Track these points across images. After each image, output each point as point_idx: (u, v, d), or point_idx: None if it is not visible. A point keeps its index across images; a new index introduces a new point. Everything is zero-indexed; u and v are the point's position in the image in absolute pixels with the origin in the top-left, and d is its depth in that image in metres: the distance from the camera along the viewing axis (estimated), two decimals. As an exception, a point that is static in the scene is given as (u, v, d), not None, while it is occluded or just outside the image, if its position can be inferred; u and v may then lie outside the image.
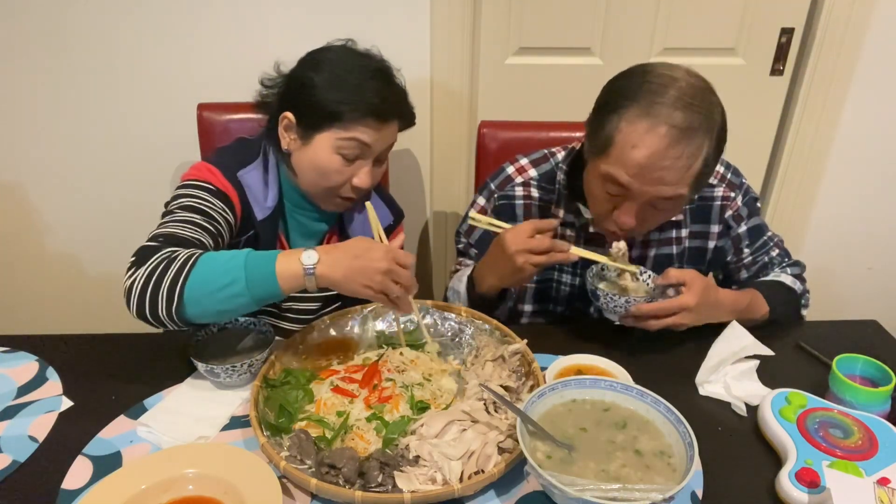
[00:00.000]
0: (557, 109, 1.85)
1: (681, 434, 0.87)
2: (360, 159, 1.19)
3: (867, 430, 0.96)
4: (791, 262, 1.37)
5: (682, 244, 1.34)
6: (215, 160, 1.22)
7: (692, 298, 1.12)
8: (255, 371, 1.07)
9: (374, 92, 1.15)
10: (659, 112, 1.03)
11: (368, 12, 1.79)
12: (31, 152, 1.95)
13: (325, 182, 1.20)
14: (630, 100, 1.06)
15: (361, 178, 1.19)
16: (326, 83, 1.15)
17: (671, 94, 1.04)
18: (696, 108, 1.04)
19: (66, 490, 0.89)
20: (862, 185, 2.10)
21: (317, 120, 1.16)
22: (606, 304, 1.15)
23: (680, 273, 1.14)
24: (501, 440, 0.93)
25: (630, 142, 1.06)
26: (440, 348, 1.18)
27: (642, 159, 1.05)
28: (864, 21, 1.86)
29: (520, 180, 1.34)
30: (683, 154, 1.04)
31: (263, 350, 1.10)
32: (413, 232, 2.12)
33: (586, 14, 1.88)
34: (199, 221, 1.11)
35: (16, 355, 1.17)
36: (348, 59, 1.19)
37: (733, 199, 1.32)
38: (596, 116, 1.13)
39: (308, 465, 0.90)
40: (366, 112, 1.14)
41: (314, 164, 1.18)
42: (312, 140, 1.17)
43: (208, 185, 1.17)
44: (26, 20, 1.77)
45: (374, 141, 1.17)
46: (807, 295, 1.35)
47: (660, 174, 1.06)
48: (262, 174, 1.25)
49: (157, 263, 0.99)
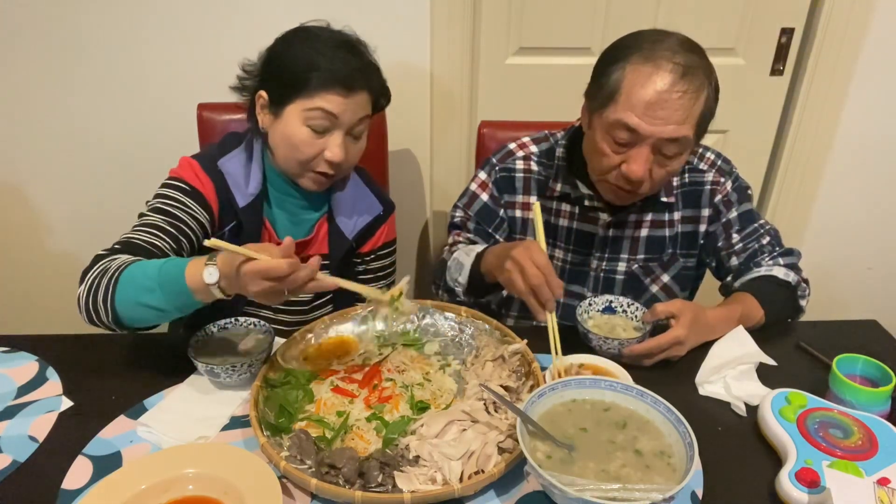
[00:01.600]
0: (557, 109, 1.84)
1: (681, 434, 0.87)
2: (329, 131, 1.18)
3: (867, 430, 0.95)
4: (783, 250, 1.34)
5: (674, 227, 1.35)
6: (199, 153, 1.26)
7: (682, 331, 1.12)
8: (256, 371, 1.07)
9: (340, 60, 1.15)
10: (661, 55, 1.11)
11: (369, 12, 1.79)
12: (32, 152, 1.95)
13: (296, 155, 1.19)
14: (632, 49, 1.14)
15: (332, 150, 1.18)
16: (292, 55, 1.17)
17: (670, 41, 1.13)
18: (694, 51, 1.13)
19: (66, 490, 0.89)
20: (862, 185, 2.10)
21: (284, 91, 1.17)
22: (599, 347, 1.15)
23: (666, 307, 1.14)
24: (501, 440, 0.93)
25: (637, 82, 1.12)
26: (440, 348, 1.18)
27: (650, 96, 1.10)
28: (864, 21, 1.86)
29: (521, 154, 1.39)
30: (688, 89, 1.10)
31: (263, 350, 1.10)
32: (413, 232, 2.12)
33: (586, 14, 1.88)
34: (162, 225, 1.16)
35: (16, 355, 1.17)
36: (317, 33, 1.20)
37: (723, 184, 1.34)
38: (599, 71, 1.19)
39: (308, 465, 0.90)
40: (330, 80, 1.14)
41: (285, 136, 1.19)
42: (283, 113, 1.18)
43: (183, 183, 1.21)
44: (27, 21, 1.77)
45: (342, 111, 1.16)
46: (803, 285, 1.31)
47: (667, 112, 1.11)
48: (244, 160, 1.26)
49: (95, 276, 1.04)
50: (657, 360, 1.14)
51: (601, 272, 1.38)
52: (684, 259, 1.38)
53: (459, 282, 1.30)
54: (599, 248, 1.36)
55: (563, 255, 1.38)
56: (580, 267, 1.38)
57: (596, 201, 1.31)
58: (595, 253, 1.36)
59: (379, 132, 1.76)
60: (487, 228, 1.39)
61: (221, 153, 1.26)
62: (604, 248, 1.36)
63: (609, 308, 1.23)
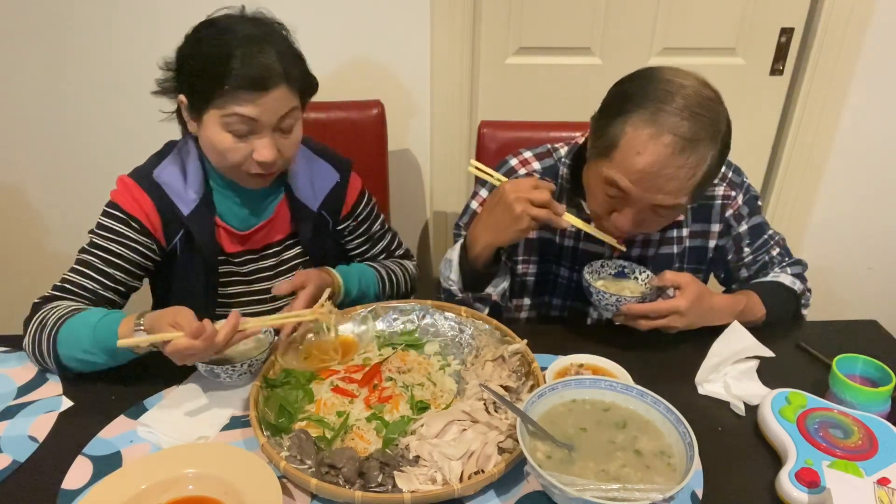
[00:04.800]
0: (557, 109, 1.85)
1: (681, 434, 0.87)
2: (253, 133, 1.11)
3: (867, 430, 0.95)
4: (792, 260, 1.37)
5: (682, 243, 1.34)
6: (136, 169, 1.23)
7: (684, 302, 1.12)
8: (256, 371, 1.07)
9: (249, 58, 1.06)
10: (665, 120, 1.03)
11: (369, 12, 1.79)
12: (31, 152, 1.95)
13: (225, 161, 1.14)
14: (636, 105, 1.05)
15: (261, 152, 1.11)
16: (197, 60, 1.09)
17: (678, 101, 1.03)
18: (702, 118, 1.03)
19: (66, 490, 0.89)
20: (862, 185, 2.10)
21: (197, 100, 1.10)
22: (598, 301, 1.16)
23: (675, 276, 1.14)
24: (501, 440, 0.93)
25: (634, 148, 1.05)
26: (440, 348, 1.18)
27: (644, 166, 1.05)
28: (864, 21, 1.86)
29: (523, 172, 1.33)
30: (686, 164, 1.04)
31: (263, 350, 1.10)
32: (413, 232, 2.12)
33: (586, 14, 1.88)
34: (98, 265, 1.16)
35: (16, 355, 1.17)
36: (222, 30, 1.10)
37: (734, 198, 1.32)
38: (601, 118, 1.12)
39: (308, 465, 0.90)
40: (240, 85, 1.06)
41: (210, 143, 1.13)
42: (203, 120, 1.11)
43: (119, 212, 1.19)
44: (26, 20, 1.77)
45: (259, 113, 1.08)
46: (807, 294, 1.35)
47: (661, 183, 1.06)
48: (179, 166, 1.21)
49: (35, 329, 1.09)
50: (652, 325, 1.14)
51: None
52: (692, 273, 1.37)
53: (452, 279, 1.26)
54: None
55: (569, 274, 1.36)
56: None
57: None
58: None
59: (379, 132, 1.76)
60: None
61: (156, 163, 1.22)
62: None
63: (621, 273, 1.24)
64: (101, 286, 1.16)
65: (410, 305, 1.24)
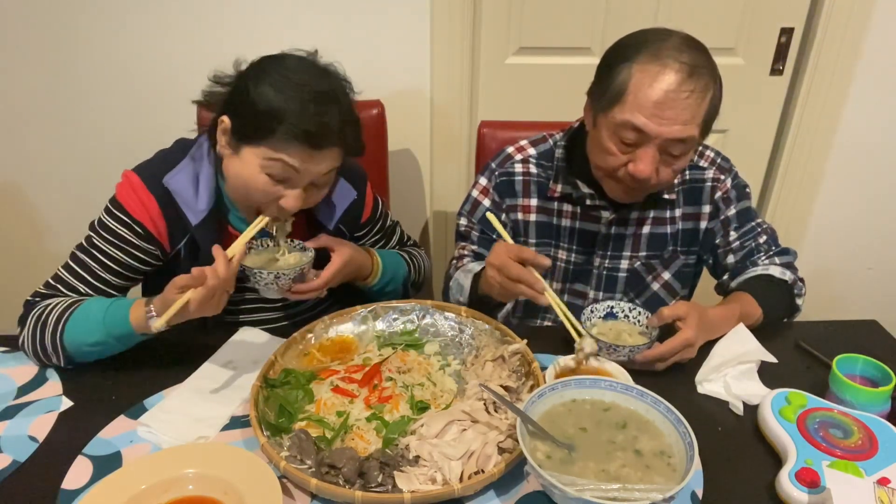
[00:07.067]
0: (557, 109, 1.84)
1: (681, 434, 0.87)
2: (288, 181, 1.10)
3: (867, 430, 0.95)
4: (779, 249, 1.36)
5: (675, 224, 1.36)
6: (143, 166, 1.20)
7: (691, 332, 1.12)
8: (283, 284, 1.13)
9: (312, 116, 1.05)
10: (667, 54, 1.11)
11: (369, 12, 1.79)
12: (31, 152, 1.95)
13: (248, 198, 1.13)
14: (636, 51, 1.13)
15: (289, 201, 1.10)
16: (263, 97, 1.05)
17: (674, 40, 1.13)
18: (699, 50, 1.13)
19: (66, 490, 0.89)
20: (862, 185, 2.10)
21: (247, 133, 1.08)
22: (609, 354, 1.12)
23: (672, 310, 1.14)
24: (501, 440, 0.93)
25: (645, 82, 1.11)
26: (440, 348, 1.18)
27: (658, 96, 1.10)
28: (864, 21, 1.86)
29: (519, 157, 1.39)
30: (695, 89, 1.10)
31: (306, 263, 1.15)
32: (413, 231, 2.12)
33: (586, 14, 1.88)
34: (95, 270, 1.16)
35: (16, 355, 1.17)
36: (295, 74, 1.07)
37: (723, 181, 1.35)
38: (604, 71, 1.18)
39: (308, 465, 0.90)
40: (298, 136, 1.04)
41: (240, 177, 1.11)
42: (241, 151, 1.09)
43: (123, 214, 1.16)
44: (27, 21, 1.77)
45: (305, 167, 1.08)
46: (799, 283, 1.34)
47: (675, 113, 1.10)
48: (191, 175, 1.18)
49: (32, 328, 1.10)
50: (670, 363, 1.13)
51: (604, 270, 1.38)
52: (685, 256, 1.38)
53: (462, 301, 1.32)
54: (602, 246, 1.36)
55: (567, 256, 1.39)
56: (583, 266, 1.39)
57: (598, 200, 1.31)
58: (597, 251, 1.37)
59: (379, 132, 1.76)
60: (491, 235, 1.39)
61: (168, 167, 1.17)
62: (606, 246, 1.36)
63: (611, 314, 1.21)
64: (94, 290, 1.16)
65: (410, 305, 1.24)
